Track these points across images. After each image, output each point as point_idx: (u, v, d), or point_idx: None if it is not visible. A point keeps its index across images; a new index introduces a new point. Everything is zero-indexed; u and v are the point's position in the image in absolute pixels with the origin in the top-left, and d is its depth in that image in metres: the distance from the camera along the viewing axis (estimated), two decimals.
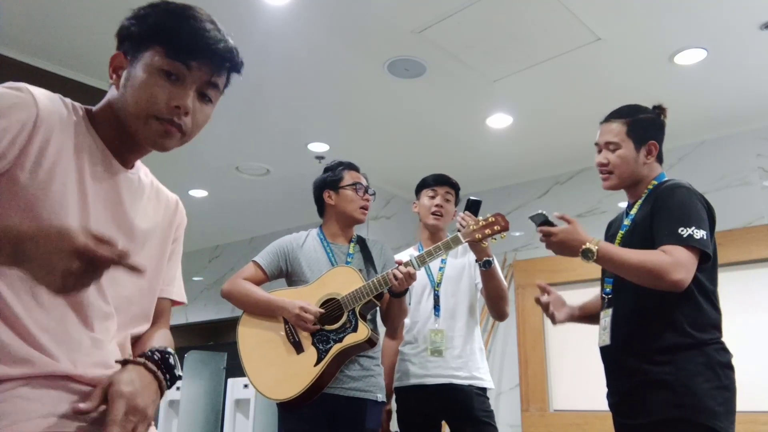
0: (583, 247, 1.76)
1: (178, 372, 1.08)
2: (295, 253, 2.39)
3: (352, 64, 3.47)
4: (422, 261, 2.25)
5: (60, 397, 0.95)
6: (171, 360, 1.06)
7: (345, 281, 2.26)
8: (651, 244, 1.80)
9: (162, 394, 1.03)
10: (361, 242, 2.49)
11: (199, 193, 5.44)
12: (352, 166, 2.51)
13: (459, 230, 2.31)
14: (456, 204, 2.71)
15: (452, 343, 2.52)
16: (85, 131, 1.06)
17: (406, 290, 2.29)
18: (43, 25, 3.09)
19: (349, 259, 2.40)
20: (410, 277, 2.20)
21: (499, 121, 4.13)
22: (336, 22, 3.11)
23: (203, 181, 5.24)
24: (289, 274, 2.40)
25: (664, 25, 3.11)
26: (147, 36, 1.04)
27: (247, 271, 2.37)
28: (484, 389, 2.52)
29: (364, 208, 2.45)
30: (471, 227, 2.27)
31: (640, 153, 1.94)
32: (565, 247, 1.80)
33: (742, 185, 4.08)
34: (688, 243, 1.70)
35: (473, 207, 2.35)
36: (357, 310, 2.22)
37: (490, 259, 2.39)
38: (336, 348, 2.18)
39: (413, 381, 2.51)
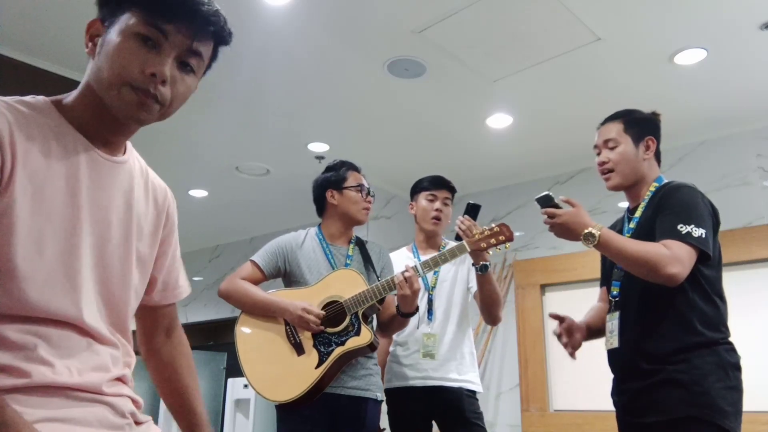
0: (586, 231, 1.74)
1: None
2: (294, 253, 2.37)
3: (352, 64, 3.46)
4: (428, 268, 2.23)
5: (59, 404, 0.92)
6: None
7: (348, 284, 2.25)
8: None
9: None
10: (360, 244, 2.47)
11: (199, 193, 5.44)
12: (354, 167, 2.49)
13: (457, 234, 2.30)
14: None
15: (444, 346, 2.52)
16: (54, 123, 0.98)
17: (416, 311, 2.26)
18: (43, 25, 3.08)
19: (348, 261, 2.39)
20: (414, 281, 2.16)
21: (499, 121, 4.12)
22: (336, 22, 3.11)
23: (203, 181, 5.24)
24: (287, 274, 2.38)
25: (664, 25, 3.11)
26: None
27: (244, 271, 2.33)
28: (473, 392, 2.54)
29: (366, 209, 2.44)
30: (476, 236, 2.25)
31: (639, 148, 1.95)
32: (568, 230, 1.78)
33: (742, 185, 4.08)
34: (686, 240, 1.70)
35: (472, 211, 2.36)
36: (360, 313, 2.20)
37: (487, 263, 2.39)
38: (338, 351, 2.16)
39: (404, 383, 2.51)
